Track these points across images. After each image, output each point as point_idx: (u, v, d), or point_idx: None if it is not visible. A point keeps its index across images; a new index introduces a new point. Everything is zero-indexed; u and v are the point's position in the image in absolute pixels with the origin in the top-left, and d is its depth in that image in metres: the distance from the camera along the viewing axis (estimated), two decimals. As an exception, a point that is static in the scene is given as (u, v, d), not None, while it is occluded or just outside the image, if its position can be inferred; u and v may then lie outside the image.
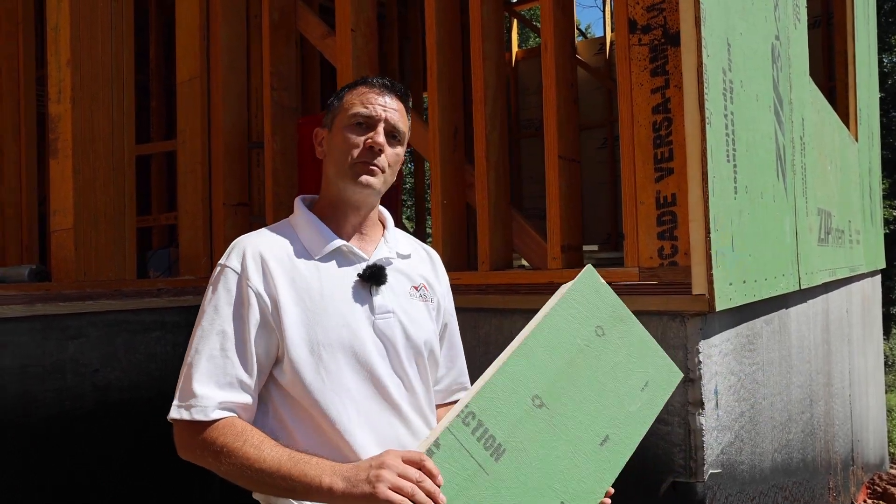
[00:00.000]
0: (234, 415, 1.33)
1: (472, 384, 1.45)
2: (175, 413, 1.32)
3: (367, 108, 1.45)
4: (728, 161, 2.38)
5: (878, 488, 4.97)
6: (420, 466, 1.19)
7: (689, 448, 2.24)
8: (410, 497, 1.15)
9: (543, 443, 1.31)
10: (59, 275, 3.32)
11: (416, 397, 1.46)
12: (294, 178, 3.46)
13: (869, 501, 4.69)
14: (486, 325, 2.66)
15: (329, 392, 1.34)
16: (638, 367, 1.45)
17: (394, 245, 1.53)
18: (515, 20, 7.96)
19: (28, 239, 5.14)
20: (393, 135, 1.46)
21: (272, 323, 1.35)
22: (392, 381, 1.42)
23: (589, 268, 1.48)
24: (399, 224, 1.91)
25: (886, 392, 8.13)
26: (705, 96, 2.21)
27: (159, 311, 3.39)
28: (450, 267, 2.81)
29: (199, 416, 1.30)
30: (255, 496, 1.43)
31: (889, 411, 8.01)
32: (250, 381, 1.35)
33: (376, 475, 1.18)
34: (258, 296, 1.35)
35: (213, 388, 1.32)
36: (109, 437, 3.15)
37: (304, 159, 3.53)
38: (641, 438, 1.42)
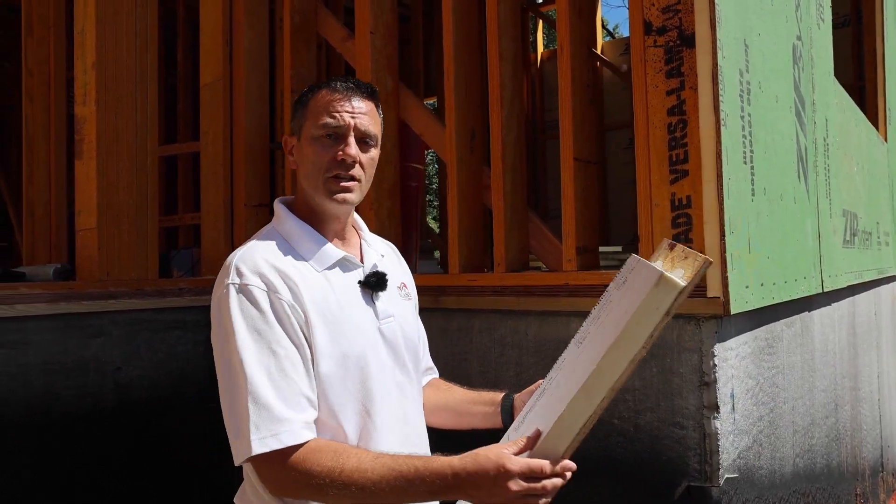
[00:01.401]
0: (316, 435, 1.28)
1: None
2: (261, 447, 1.21)
3: (334, 117, 1.39)
4: (745, 163, 2.35)
5: (909, 495, 4.88)
6: (542, 474, 1.18)
7: (704, 452, 2.23)
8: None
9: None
10: (83, 274, 3.39)
11: (416, 395, 1.52)
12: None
13: (898, 509, 4.60)
14: (502, 327, 2.66)
15: (355, 403, 1.36)
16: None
17: (374, 247, 1.55)
18: (541, 21, 7.93)
19: (56, 238, 5.24)
20: (365, 140, 1.43)
21: (306, 336, 1.32)
22: (401, 383, 1.46)
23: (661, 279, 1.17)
24: (418, 225, 1.92)
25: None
26: (720, 98, 2.19)
27: (180, 311, 3.44)
28: (466, 268, 2.83)
29: (290, 441, 1.22)
30: None
31: (922, 417, 7.83)
32: (314, 396, 1.30)
33: (504, 486, 1.17)
34: (292, 308, 1.31)
35: (290, 410, 1.25)
36: (130, 435, 3.21)
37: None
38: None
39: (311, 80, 3.52)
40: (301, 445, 1.23)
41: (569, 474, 1.21)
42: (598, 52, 6.97)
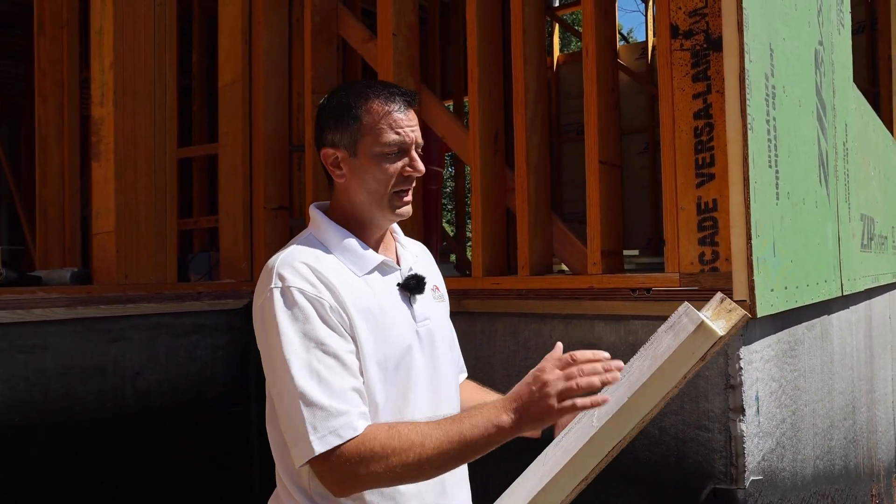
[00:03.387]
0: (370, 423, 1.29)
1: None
2: (322, 445, 1.22)
3: (398, 134, 1.39)
4: (770, 167, 2.36)
5: (922, 498, 4.89)
6: (574, 361, 1.23)
7: (729, 455, 2.23)
8: (578, 391, 1.20)
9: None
10: (101, 277, 3.37)
11: (451, 396, 1.53)
12: (333, 181, 3.50)
13: (912, 511, 4.61)
14: (526, 331, 2.67)
15: (391, 406, 1.37)
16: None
17: (409, 249, 1.56)
18: (557, 24, 7.98)
19: (70, 241, 5.25)
20: (418, 149, 1.45)
21: (352, 336, 1.33)
22: (435, 385, 1.48)
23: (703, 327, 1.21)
24: (438, 228, 1.93)
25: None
26: (747, 102, 2.19)
27: (199, 315, 3.44)
28: (489, 272, 2.84)
29: (349, 434, 1.23)
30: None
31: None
32: (363, 388, 1.31)
33: (543, 393, 1.20)
34: (336, 311, 1.31)
35: (343, 404, 1.25)
36: (150, 439, 3.21)
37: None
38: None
39: (331, 80, 3.53)
40: (357, 437, 1.24)
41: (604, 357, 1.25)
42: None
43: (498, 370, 2.72)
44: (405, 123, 1.41)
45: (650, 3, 7.48)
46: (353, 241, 1.42)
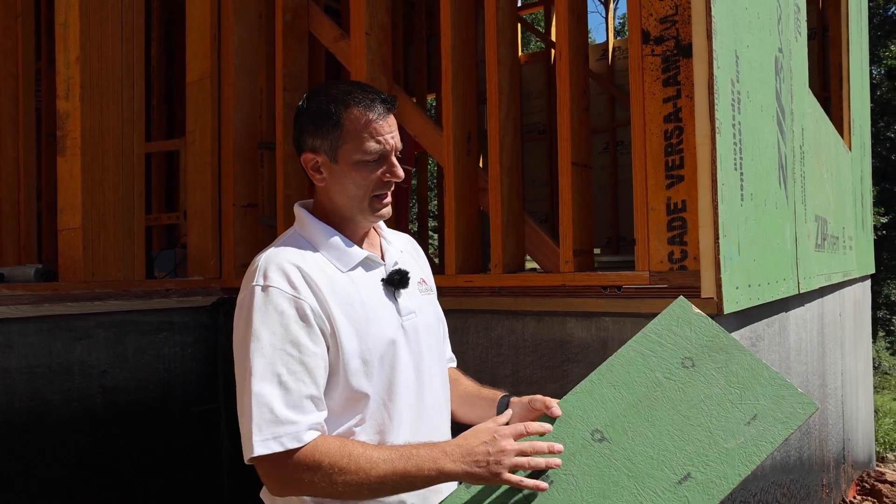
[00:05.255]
0: (321, 434, 1.32)
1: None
2: (263, 448, 1.25)
3: (378, 142, 1.42)
4: (735, 169, 2.45)
5: (867, 485, 5.14)
6: (528, 433, 1.32)
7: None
8: (526, 468, 1.28)
9: (601, 477, 1.28)
10: (67, 274, 3.31)
11: (437, 388, 1.56)
12: (305, 180, 3.50)
13: (858, 498, 4.82)
14: (499, 327, 2.72)
15: (377, 399, 1.41)
16: (742, 398, 1.33)
17: (394, 244, 1.61)
18: (518, 25, 8.05)
19: (26, 238, 5.13)
20: (398, 154, 1.49)
21: (329, 338, 1.36)
22: (420, 378, 1.51)
23: (680, 299, 1.44)
24: (406, 224, 1.97)
25: (874, 393, 8.29)
26: (715, 107, 2.28)
27: (168, 312, 3.41)
28: (463, 269, 2.88)
29: (292, 445, 1.26)
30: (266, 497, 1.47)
31: (875, 411, 8.19)
32: (322, 397, 1.34)
33: (497, 460, 1.27)
34: (314, 312, 1.34)
35: (295, 412, 1.28)
36: (117, 438, 3.17)
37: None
38: (742, 478, 1.30)
39: (302, 78, 3.52)
40: (302, 448, 1.28)
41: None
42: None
43: (471, 366, 2.77)
44: (385, 131, 1.43)
45: (611, 5, 7.60)
46: (337, 238, 1.46)
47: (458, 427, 1.62)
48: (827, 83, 5.64)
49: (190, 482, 3.42)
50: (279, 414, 1.26)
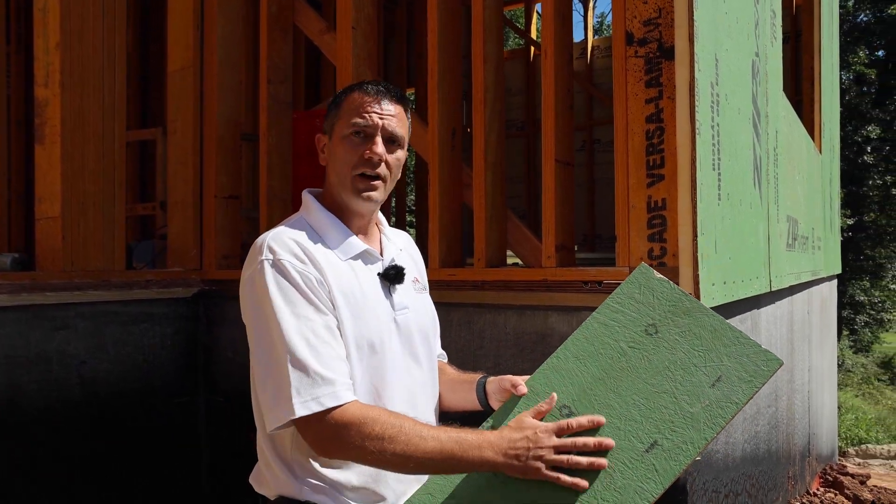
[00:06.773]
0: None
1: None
2: (303, 409, 1.28)
3: (363, 117, 1.47)
4: (714, 170, 2.53)
5: (830, 477, 5.31)
6: (573, 428, 1.32)
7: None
8: (566, 466, 1.28)
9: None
10: (45, 264, 3.28)
11: (427, 382, 1.60)
12: (288, 172, 3.51)
13: (822, 489, 4.97)
14: (481, 321, 2.77)
15: (367, 388, 1.44)
16: (705, 361, 1.32)
17: (393, 241, 1.65)
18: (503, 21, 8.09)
19: (-3, 224, 5.07)
20: (392, 140, 1.51)
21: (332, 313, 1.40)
22: (411, 371, 1.55)
23: (642, 266, 1.46)
24: (402, 220, 2.00)
25: (837, 390, 8.53)
26: (696, 109, 2.35)
27: (147, 303, 3.40)
28: (446, 263, 2.93)
29: (331, 403, 1.29)
30: (258, 486, 1.50)
31: (838, 408, 8.43)
32: (346, 360, 1.38)
33: (537, 455, 1.28)
34: (321, 284, 1.39)
35: (331, 372, 1.31)
36: (96, 428, 3.16)
37: (299, 153, 3.58)
38: (708, 441, 1.27)
39: (287, 71, 3.53)
40: (343, 406, 1.31)
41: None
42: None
43: (454, 359, 2.78)
44: (373, 109, 1.48)
45: (589, 3, 7.67)
46: (340, 226, 1.51)
47: (444, 415, 1.68)
48: (799, 87, 5.77)
49: (169, 472, 3.42)
50: (316, 375, 1.29)
